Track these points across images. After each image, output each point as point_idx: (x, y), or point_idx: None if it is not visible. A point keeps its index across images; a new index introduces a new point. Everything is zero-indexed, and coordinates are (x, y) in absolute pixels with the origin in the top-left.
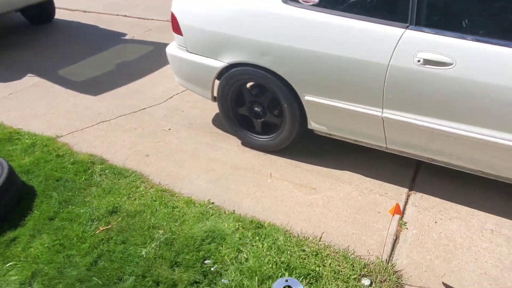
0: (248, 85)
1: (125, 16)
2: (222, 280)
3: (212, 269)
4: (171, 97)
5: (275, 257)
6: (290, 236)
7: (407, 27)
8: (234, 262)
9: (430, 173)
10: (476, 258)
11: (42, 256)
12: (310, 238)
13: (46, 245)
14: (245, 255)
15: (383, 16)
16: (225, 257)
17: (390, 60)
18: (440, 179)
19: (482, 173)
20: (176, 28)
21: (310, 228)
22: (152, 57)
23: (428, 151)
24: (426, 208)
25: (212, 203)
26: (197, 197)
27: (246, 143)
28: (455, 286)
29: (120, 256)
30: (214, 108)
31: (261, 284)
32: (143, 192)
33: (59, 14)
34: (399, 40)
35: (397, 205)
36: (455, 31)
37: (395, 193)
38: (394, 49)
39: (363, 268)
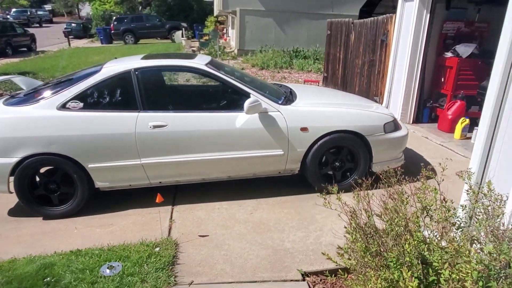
0: (42, 170)
1: None
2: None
3: (52, 280)
4: None
5: (96, 259)
6: (102, 249)
7: (139, 112)
8: (67, 271)
9: (183, 190)
10: (212, 221)
11: None
12: (117, 245)
13: None
14: (75, 266)
15: (126, 108)
16: (60, 271)
17: (135, 129)
18: (188, 192)
19: (204, 180)
20: None
21: (116, 241)
22: None
23: (172, 176)
24: (183, 210)
25: (34, 255)
26: (18, 257)
27: (48, 217)
28: (205, 234)
29: None
30: (4, 207)
31: (92, 272)
32: None
33: None
34: (137, 118)
35: (158, 195)
36: (163, 110)
37: (164, 209)
38: (136, 123)
39: (154, 244)
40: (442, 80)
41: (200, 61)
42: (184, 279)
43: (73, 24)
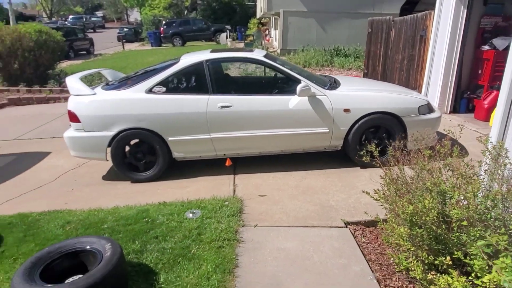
0: (132, 142)
1: None
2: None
3: (149, 219)
4: (58, 177)
5: (180, 207)
6: (183, 202)
7: (210, 95)
8: (159, 214)
9: (242, 162)
10: (268, 186)
11: None
12: (194, 200)
13: None
14: (164, 211)
15: (199, 92)
16: (154, 214)
17: (207, 109)
18: (246, 164)
19: (260, 153)
20: (74, 118)
21: (192, 198)
22: (17, 163)
23: (234, 149)
24: (243, 178)
25: (131, 205)
26: (119, 206)
27: (135, 181)
28: (263, 194)
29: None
30: (99, 174)
31: (178, 215)
32: (80, 212)
33: None
34: (208, 100)
35: (228, 159)
36: (229, 94)
37: (228, 177)
38: (207, 104)
39: (223, 200)
40: (479, 72)
41: (259, 54)
42: (250, 223)
43: (125, 29)
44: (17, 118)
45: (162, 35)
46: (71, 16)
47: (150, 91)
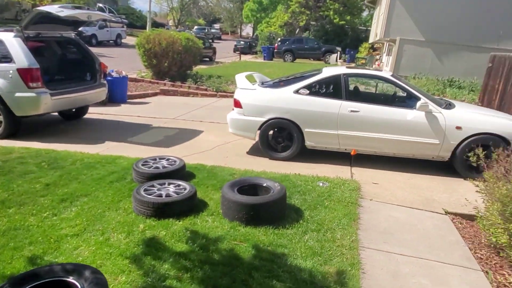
0: (275, 128)
1: (138, 116)
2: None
3: (290, 182)
4: (214, 147)
5: (312, 178)
6: (313, 176)
7: (342, 100)
8: (297, 180)
9: (357, 158)
10: (380, 178)
11: None
12: (321, 176)
13: None
14: (300, 179)
15: (335, 97)
16: (292, 179)
17: (339, 111)
18: (360, 160)
19: (375, 153)
20: (238, 105)
21: (320, 175)
22: (182, 134)
23: (354, 146)
24: (358, 170)
25: (275, 172)
26: (266, 171)
27: (272, 158)
28: (376, 182)
29: None
30: (243, 150)
31: (312, 183)
32: (238, 169)
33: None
34: (341, 104)
35: (354, 150)
36: (357, 101)
37: (345, 168)
38: (340, 107)
39: (344, 180)
40: None
41: (387, 73)
42: (366, 197)
43: (242, 42)
44: (169, 104)
45: (275, 50)
46: (196, 27)
47: (297, 92)
